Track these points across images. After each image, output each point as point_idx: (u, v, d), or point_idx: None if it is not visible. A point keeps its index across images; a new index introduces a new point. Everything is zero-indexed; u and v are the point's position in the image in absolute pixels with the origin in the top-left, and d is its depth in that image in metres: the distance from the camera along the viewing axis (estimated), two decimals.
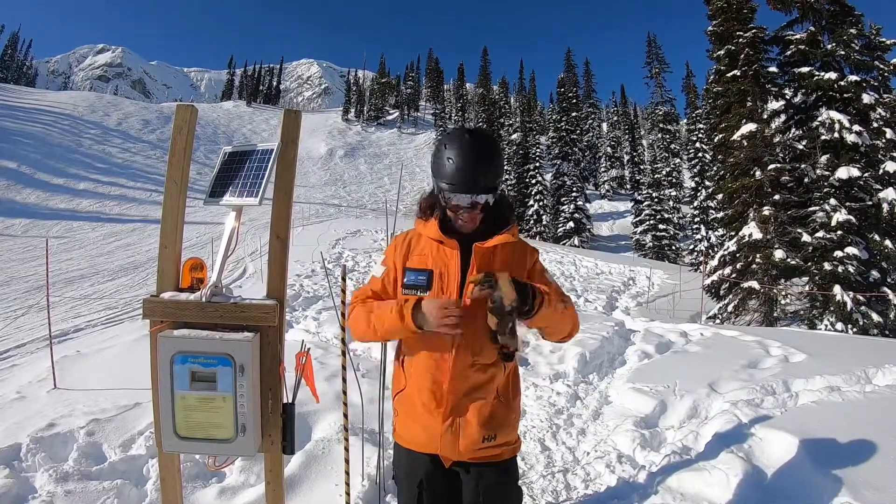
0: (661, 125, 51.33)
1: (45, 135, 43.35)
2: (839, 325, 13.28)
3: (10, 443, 3.83)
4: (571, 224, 44.17)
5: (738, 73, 16.57)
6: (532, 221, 44.99)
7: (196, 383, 1.94)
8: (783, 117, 16.31)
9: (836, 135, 14.47)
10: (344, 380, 3.32)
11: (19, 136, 40.48)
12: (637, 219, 43.31)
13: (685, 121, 55.29)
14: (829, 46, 15.43)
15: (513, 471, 2.11)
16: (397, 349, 2.14)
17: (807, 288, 14.94)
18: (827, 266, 13.72)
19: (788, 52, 16.15)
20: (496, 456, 2.00)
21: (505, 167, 1.86)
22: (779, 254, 14.50)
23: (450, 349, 1.91)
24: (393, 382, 2.15)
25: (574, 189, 45.87)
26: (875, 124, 15.06)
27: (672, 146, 48.26)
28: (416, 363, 1.99)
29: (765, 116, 16.22)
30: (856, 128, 14.35)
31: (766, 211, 15.14)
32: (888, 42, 15.84)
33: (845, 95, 14.93)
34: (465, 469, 2.01)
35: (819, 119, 14.99)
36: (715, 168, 22.20)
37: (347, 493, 3.16)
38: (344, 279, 3.38)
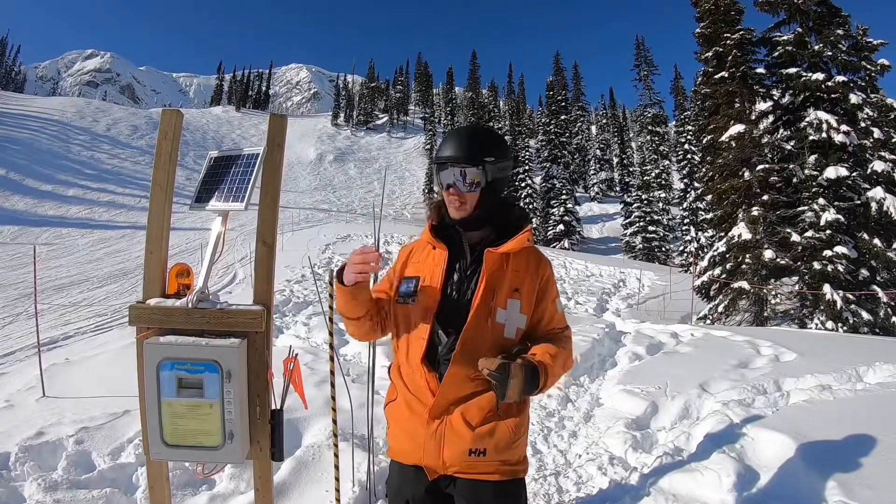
0: (649, 127, 51.33)
1: (33, 141, 43.11)
2: (829, 324, 13.36)
3: None
4: (561, 227, 44.29)
5: (726, 75, 16.65)
6: None
7: (183, 390, 1.93)
8: (771, 118, 16.40)
9: (823, 135, 14.58)
10: (333, 385, 3.30)
11: (7, 143, 40.21)
12: (627, 221, 43.39)
13: (674, 123, 55.49)
14: (817, 47, 15.55)
15: (515, 498, 1.87)
16: (392, 361, 2.02)
17: (797, 287, 15.02)
18: (816, 265, 13.81)
19: (776, 54, 16.27)
20: (487, 474, 1.78)
21: (505, 159, 1.76)
22: (768, 254, 14.57)
23: (446, 357, 1.78)
24: (387, 394, 2.03)
25: (563, 192, 45.98)
26: (862, 124, 15.16)
27: (661, 148, 48.27)
28: (410, 373, 1.86)
29: (753, 117, 16.30)
30: (843, 128, 14.46)
31: (755, 211, 15.22)
32: (875, 42, 16.00)
33: (833, 96, 15.05)
34: (461, 493, 1.82)
35: (807, 119, 15.10)
36: (704, 169, 22.28)
37: (338, 500, 3.15)
38: (332, 284, 3.36)
